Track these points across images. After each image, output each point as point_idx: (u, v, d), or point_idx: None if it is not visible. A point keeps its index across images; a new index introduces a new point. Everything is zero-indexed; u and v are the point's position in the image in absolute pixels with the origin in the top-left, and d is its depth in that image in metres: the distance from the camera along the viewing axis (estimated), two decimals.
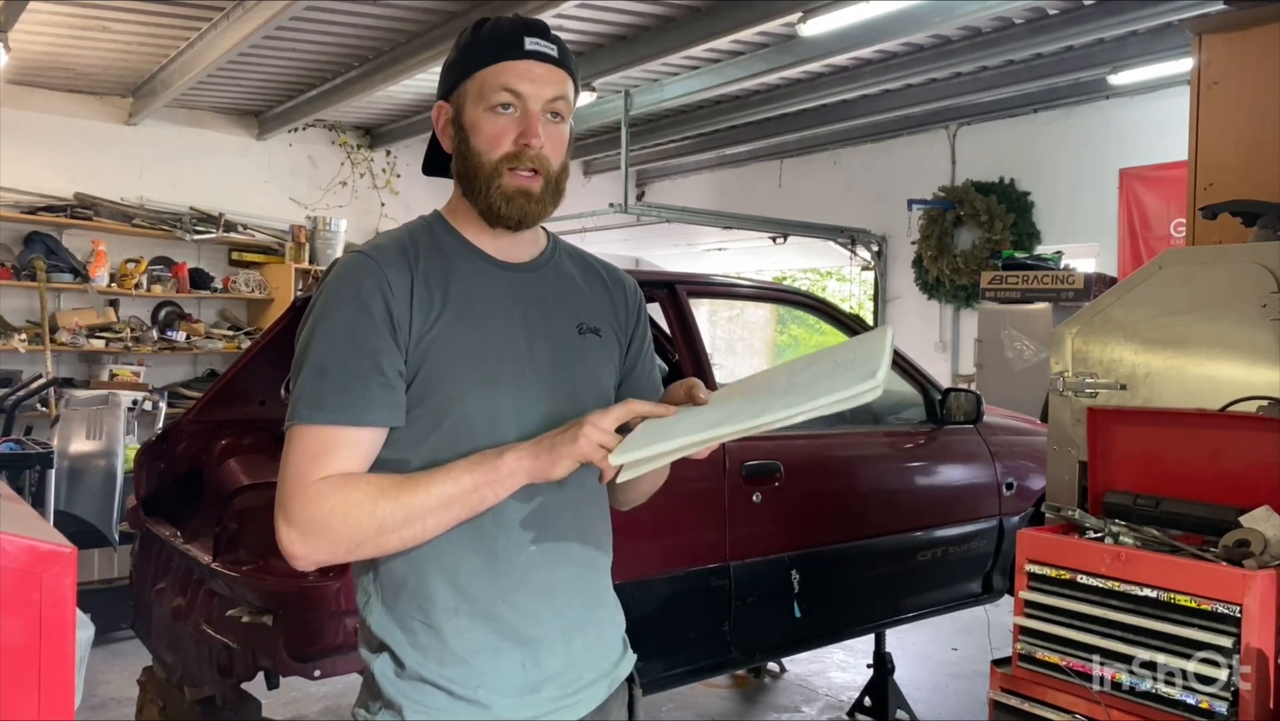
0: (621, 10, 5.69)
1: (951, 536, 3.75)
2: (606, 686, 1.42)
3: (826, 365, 1.23)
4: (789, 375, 1.28)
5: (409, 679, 1.30)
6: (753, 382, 1.33)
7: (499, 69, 1.31)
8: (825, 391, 1.12)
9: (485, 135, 1.32)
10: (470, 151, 1.33)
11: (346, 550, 1.24)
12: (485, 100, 1.32)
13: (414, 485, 1.22)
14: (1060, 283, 6.43)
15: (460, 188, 1.37)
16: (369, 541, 1.23)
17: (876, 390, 1.11)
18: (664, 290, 3.34)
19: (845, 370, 1.16)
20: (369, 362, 1.25)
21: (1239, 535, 1.99)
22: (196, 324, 7.69)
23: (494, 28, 1.34)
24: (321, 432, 1.24)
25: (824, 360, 1.26)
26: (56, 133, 7.30)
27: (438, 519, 1.23)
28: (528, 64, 1.31)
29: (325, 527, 1.22)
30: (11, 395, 5.49)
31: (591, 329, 1.43)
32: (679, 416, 1.24)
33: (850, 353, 1.24)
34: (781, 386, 1.23)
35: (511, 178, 1.31)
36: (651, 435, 1.20)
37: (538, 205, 1.34)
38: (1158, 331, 2.50)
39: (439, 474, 1.23)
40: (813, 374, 1.22)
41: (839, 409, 1.12)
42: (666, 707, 4.25)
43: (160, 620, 3.19)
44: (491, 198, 1.32)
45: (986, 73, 6.90)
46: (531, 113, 1.31)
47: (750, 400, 1.23)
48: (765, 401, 1.19)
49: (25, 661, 1.15)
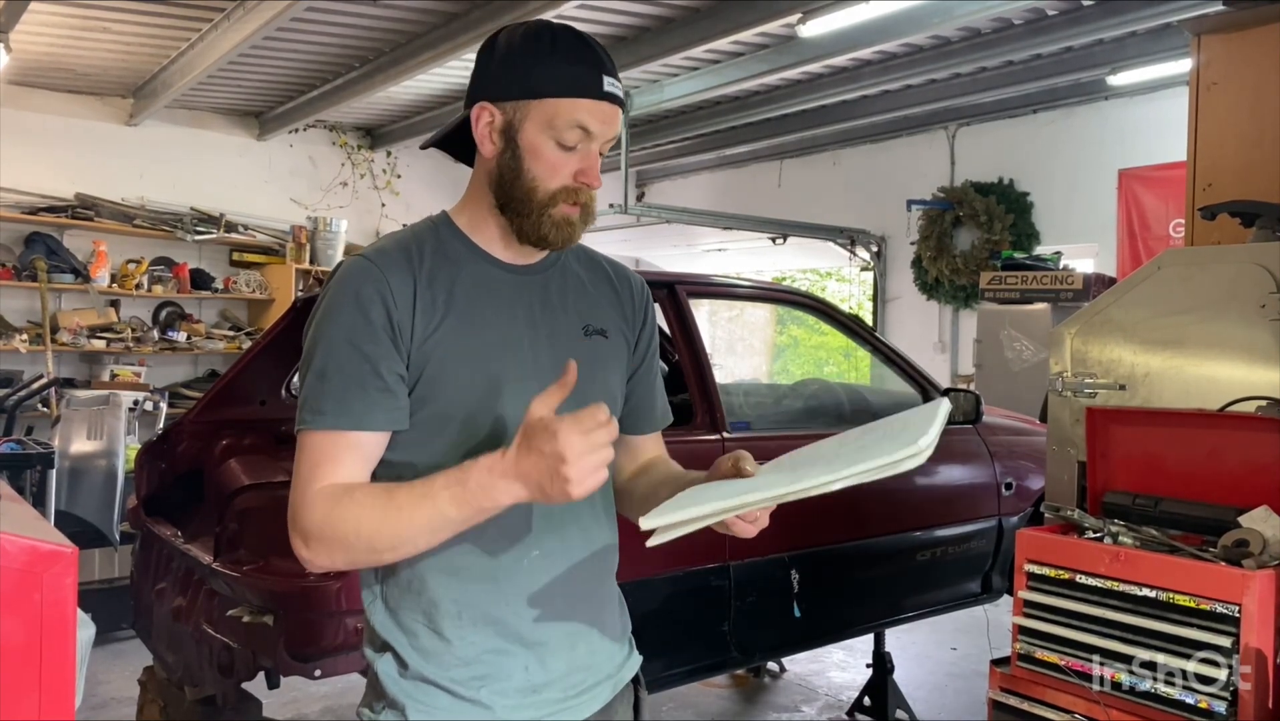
0: (621, 11, 5.68)
1: (951, 536, 3.75)
2: (611, 688, 1.42)
3: (876, 435, 1.21)
4: (838, 445, 1.26)
5: (412, 679, 1.30)
6: (802, 454, 1.29)
7: (575, 105, 1.28)
8: (866, 458, 1.10)
9: (547, 164, 1.30)
10: (524, 174, 1.30)
11: (345, 561, 1.25)
12: (554, 131, 1.28)
13: (396, 508, 1.19)
14: (1059, 283, 6.43)
15: (495, 198, 1.34)
16: (363, 557, 1.25)
17: (919, 458, 1.07)
18: (664, 290, 3.34)
19: (892, 439, 1.14)
20: (368, 368, 1.25)
21: (1238, 535, 1.99)
22: (197, 324, 7.69)
23: (570, 52, 1.29)
24: (322, 437, 1.25)
25: (876, 430, 1.24)
26: (57, 133, 7.30)
27: (429, 541, 1.22)
28: (603, 105, 1.29)
29: (320, 536, 1.23)
30: (12, 395, 5.50)
31: (598, 330, 1.42)
32: (720, 486, 1.22)
33: (901, 423, 1.21)
34: (829, 455, 1.21)
35: (564, 208, 1.31)
36: (687, 502, 1.18)
37: (580, 230, 1.35)
38: (1157, 332, 2.50)
39: (423, 501, 1.18)
40: (861, 444, 1.20)
41: (880, 475, 1.09)
42: (667, 707, 4.25)
43: (161, 620, 3.20)
44: (542, 224, 1.31)
45: (986, 73, 6.90)
46: (594, 153, 1.31)
47: (796, 470, 1.20)
48: (808, 469, 1.16)
49: (26, 661, 1.16)
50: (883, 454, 1.09)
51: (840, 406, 4.15)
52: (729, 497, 1.15)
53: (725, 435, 3.16)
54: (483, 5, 5.40)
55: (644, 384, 1.51)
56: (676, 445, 1.59)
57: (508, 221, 1.34)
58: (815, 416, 4.02)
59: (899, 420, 1.23)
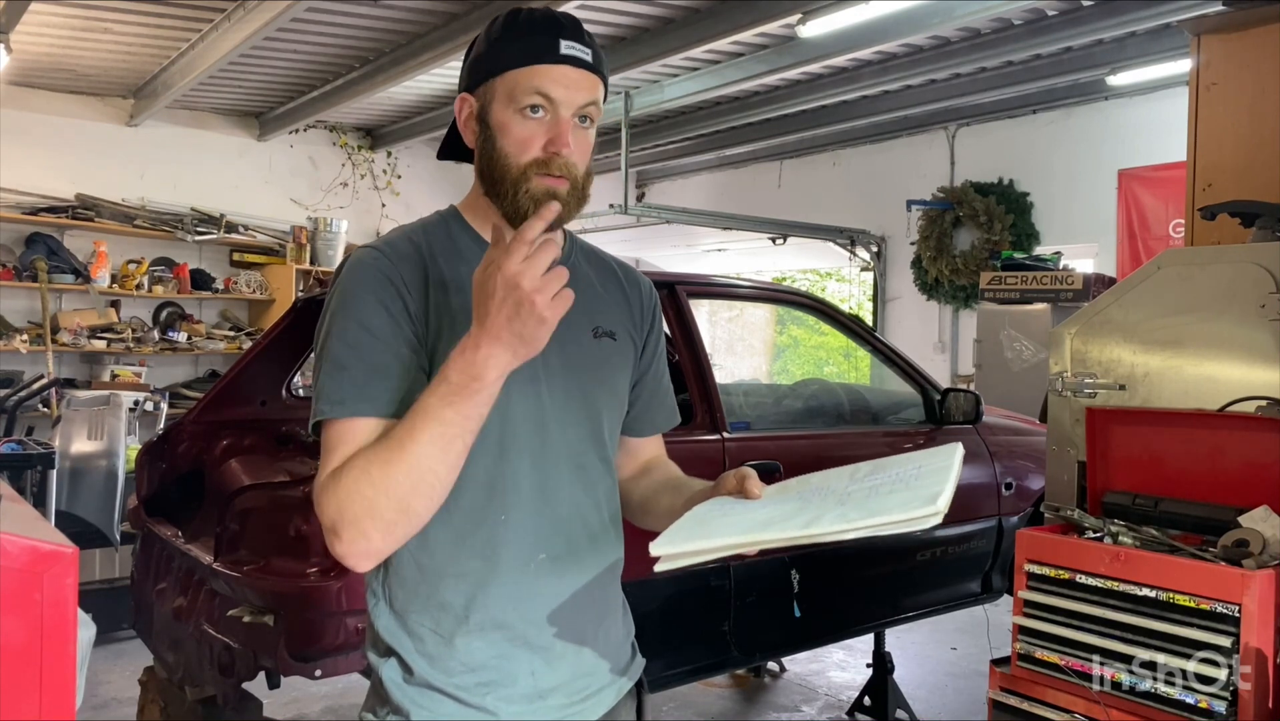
0: (621, 11, 5.69)
1: (951, 536, 3.75)
2: (615, 692, 1.42)
3: (888, 477, 1.19)
4: (849, 479, 1.23)
5: (417, 685, 1.29)
6: (811, 482, 1.26)
7: (532, 72, 1.26)
8: (882, 510, 1.08)
9: (514, 138, 1.28)
10: (497, 153, 1.29)
11: (380, 531, 1.15)
12: (516, 102, 1.27)
13: (397, 444, 1.14)
14: (1059, 283, 6.43)
15: (483, 186, 1.34)
16: (394, 517, 1.15)
17: (936, 518, 1.06)
18: (664, 291, 3.34)
19: (907, 487, 1.12)
20: (389, 355, 1.23)
21: (1238, 535, 2.00)
22: (198, 324, 7.70)
23: (528, 25, 1.29)
24: (345, 426, 1.20)
25: (888, 469, 1.22)
26: (58, 134, 7.30)
27: (443, 460, 1.14)
28: (562, 69, 1.27)
29: (343, 515, 1.15)
30: (13, 396, 5.50)
31: (607, 332, 1.41)
32: (727, 511, 1.20)
33: (914, 467, 1.19)
34: (839, 491, 1.19)
35: (540, 180, 1.28)
36: (695, 529, 1.17)
37: (568, 208, 1.30)
38: (1156, 332, 2.50)
39: (418, 422, 1.13)
40: (873, 484, 1.18)
41: (895, 531, 1.07)
42: (667, 707, 4.25)
43: (161, 620, 3.20)
44: (519, 200, 1.28)
45: (985, 74, 6.90)
46: (563, 119, 1.27)
47: (805, 502, 1.18)
48: (819, 508, 1.14)
49: (27, 661, 1.15)
50: (898, 508, 1.07)
51: (840, 407, 4.15)
52: (740, 533, 1.13)
53: (725, 435, 3.16)
54: (483, 5, 5.40)
55: (649, 388, 1.50)
56: (677, 445, 1.59)
57: (496, 206, 1.32)
58: (815, 416, 4.02)
59: (913, 462, 1.21)
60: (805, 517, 1.13)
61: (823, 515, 1.12)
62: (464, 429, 1.14)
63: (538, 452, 1.31)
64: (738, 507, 1.22)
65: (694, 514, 1.21)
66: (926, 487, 1.09)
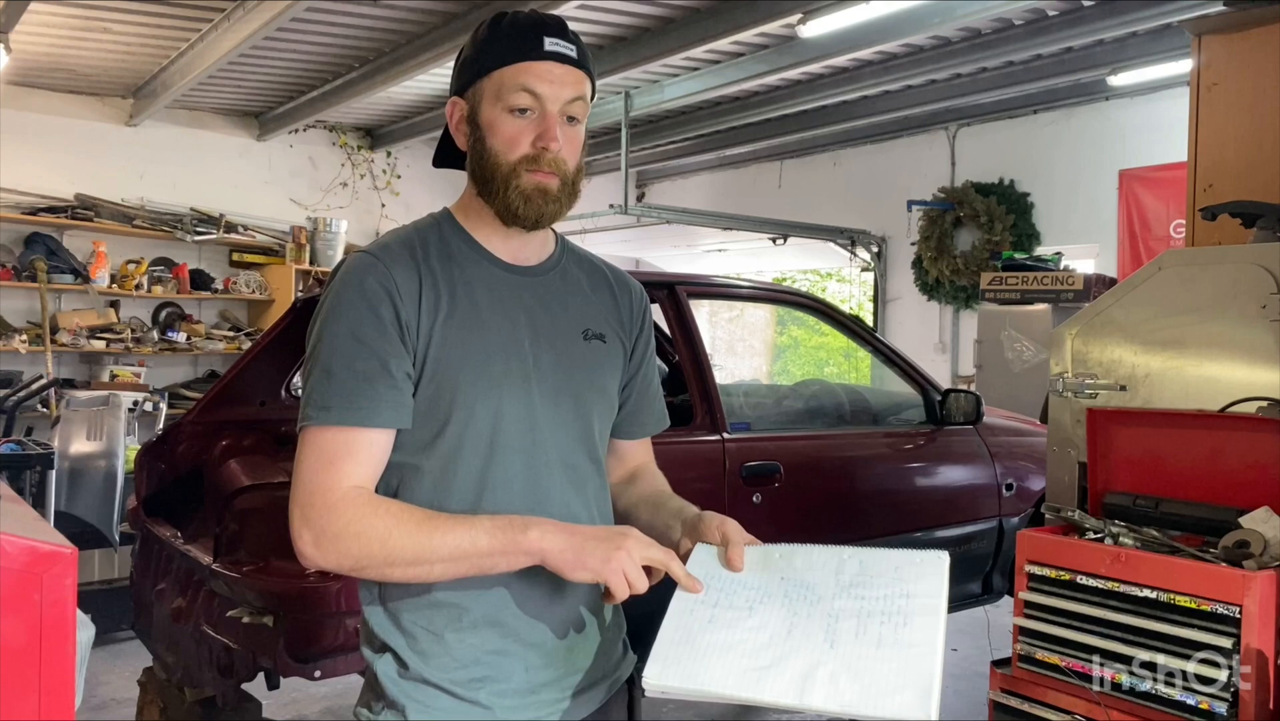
0: (621, 11, 5.68)
1: (951, 537, 3.75)
2: (607, 688, 1.43)
3: (874, 597, 1.20)
4: (836, 570, 1.24)
5: (412, 680, 1.30)
6: (795, 563, 1.26)
7: (517, 69, 1.29)
8: (876, 693, 1.13)
9: (503, 136, 1.30)
10: (487, 151, 1.32)
11: (352, 567, 1.23)
12: (503, 100, 1.30)
13: (432, 527, 1.21)
14: (1060, 284, 6.43)
15: (475, 187, 1.36)
16: (374, 568, 1.23)
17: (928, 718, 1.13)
18: (664, 291, 3.34)
19: (895, 642, 1.16)
20: (376, 363, 1.25)
21: (1239, 536, 1.99)
22: (197, 325, 7.70)
23: (512, 25, 1.31)
24: (331, 434, 1.24)
25: (873, 565, 1.23)
26: (57, 134, 7.30)
27: (445, 569, 1.22)
28: (547, 65, 1.29)
29: (337, 539, 1.21)
30: (12, 396, 5.50)
31: (596, 335, 1.42)
32: (713, 615, 1.20)
33: (905, 569, 1.22)
34: (827, 600, 1.21)
35: (530, 176, 1.30)
36: (684, 650, 1.17)
37: (554, 204, 1.32)
38: (1157, 332, 2.50)
39: (461, 524, 1.21)
40: (860, 605, 1.19)
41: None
42: (667, 707, 4.25)
43: (161, 620, 3.20)
44: (510, 197, 1.30)
45: (986, 74, 6.90)
46: (549, 115, 1.30)
47: (792, 610, 1.20)
48: (805, 633, 1.17)
49: (26, 662, 1.15)
50: (892, 708, 1.13)
51: (841, 407, 4.15)
52: (734, 687, 1.14)
53: (725, 436, 3.15)
54: (483, 5, 5.40)
55: (638, 390, 1.51)
56: (677, 445, 1.60)
57: (488, 205, 1.34)
58: (816, 417, 4.02)
59: (903, 565, 1.23)
60: (798, 667, 1.14)
61: (814, 670, 1.14)
62: (483, 561, 1.22)
63: (529, 452, 1.33)
64: (722, 604, 1.22)
65: (680, 621, 1.20)
66: (917, 665, 1.17)
